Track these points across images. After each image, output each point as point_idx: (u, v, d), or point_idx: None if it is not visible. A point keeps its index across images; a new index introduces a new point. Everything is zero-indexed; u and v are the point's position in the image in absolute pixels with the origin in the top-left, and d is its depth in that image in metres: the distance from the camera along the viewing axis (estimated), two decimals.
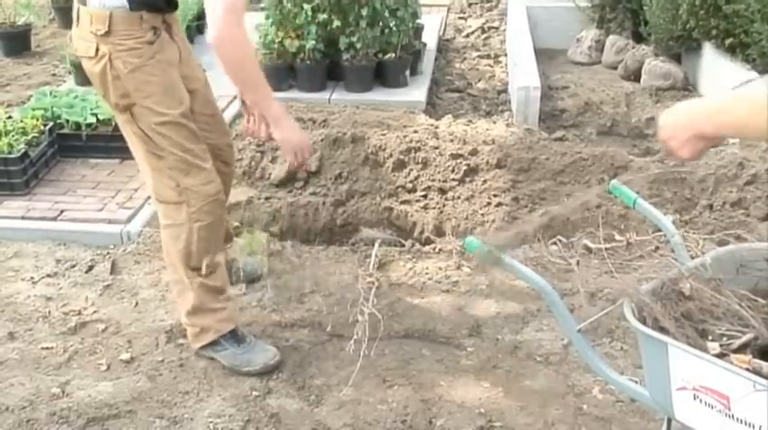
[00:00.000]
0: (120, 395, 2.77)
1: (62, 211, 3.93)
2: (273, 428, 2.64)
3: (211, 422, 2.65)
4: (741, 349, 1.60)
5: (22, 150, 4.06)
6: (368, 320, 2.66)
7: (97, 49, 2.58)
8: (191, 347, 2.98)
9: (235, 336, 2.93)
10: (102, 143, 4.38)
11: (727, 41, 5.28)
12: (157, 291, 3.38)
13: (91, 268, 3.55)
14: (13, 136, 4.11)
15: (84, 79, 4.69)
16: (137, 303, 3.31)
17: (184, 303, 2.90)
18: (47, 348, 3.02)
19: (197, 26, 6.12)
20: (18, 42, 6.43)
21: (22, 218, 3.88)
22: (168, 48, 2.70)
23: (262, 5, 5.84)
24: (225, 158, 3.04)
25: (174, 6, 2.75)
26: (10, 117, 4.39)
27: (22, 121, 4.29)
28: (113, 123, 4.06)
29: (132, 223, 3.83)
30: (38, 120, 4.32)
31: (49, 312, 3.23)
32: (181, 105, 2.70)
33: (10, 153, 4.04)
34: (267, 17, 5.49)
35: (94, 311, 3.26)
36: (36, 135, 4.24)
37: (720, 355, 1.57)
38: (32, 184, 4.14)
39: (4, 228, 3.82)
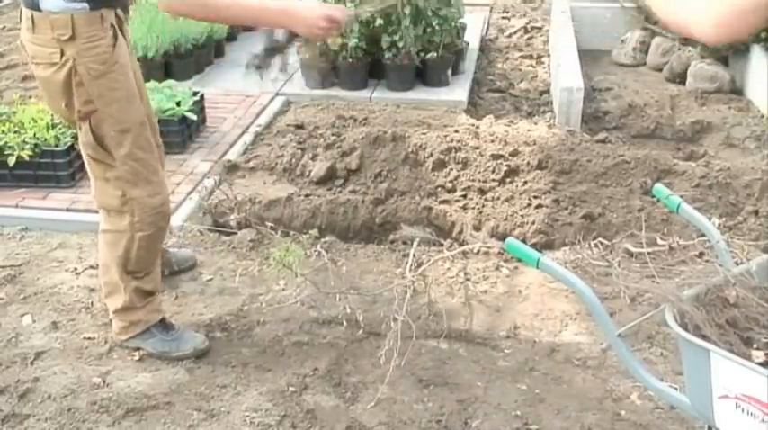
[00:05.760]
0: (158, 386, 2.81)
1: None
2: (309, 424, 2.65)
3: (248, 416, 2.67)
4: None
5: (68, 143, 4.13)
6: (400, 328, 2.67)
7: (62, 55, 2.53)
8: (118, 338, 2.98)
9: (164, 325, 2.98)
10: None
11: None
12: (197, 284, 3.42)
13: None
14: (59, 129, 4.18)
15: None
16: (176, 296, 3.35)
17: (113, 303, 2.93)
18: (89, 338, 3.07)
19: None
20: None
21: (67, 210, 3.95)
22: (122, 46, 2.65)
23: None
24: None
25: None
26: None
27: None
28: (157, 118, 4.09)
29: (173, 217, 3.86)
30: None
31: (92, 303, 3.28)
32: (140, 112, 2.69)
33: (56, 146, 4.11)
34: None
35: None
36: None
37: (765, 364, 1.55)
38: (77, 177, 4.20)
39: (49, 219, 3.89)
